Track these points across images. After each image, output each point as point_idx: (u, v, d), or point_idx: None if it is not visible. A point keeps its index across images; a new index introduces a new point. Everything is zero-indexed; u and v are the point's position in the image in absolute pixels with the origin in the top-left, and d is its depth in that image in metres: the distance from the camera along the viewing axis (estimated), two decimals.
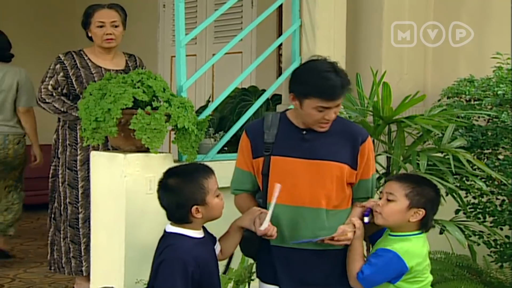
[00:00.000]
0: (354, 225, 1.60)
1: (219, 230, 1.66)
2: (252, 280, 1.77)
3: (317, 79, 1.55)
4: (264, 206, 1.64)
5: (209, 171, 1.56)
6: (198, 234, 1.56)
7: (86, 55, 2.48)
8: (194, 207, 1.51)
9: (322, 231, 1.60)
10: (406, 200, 1.56)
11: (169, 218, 1.57)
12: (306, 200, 1.60)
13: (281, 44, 2.63)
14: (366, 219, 1.62)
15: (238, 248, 1.69)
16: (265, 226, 1.55)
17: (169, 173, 1.58)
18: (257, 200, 1.69)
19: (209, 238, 1.61)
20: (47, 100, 2.41)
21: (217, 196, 1.55)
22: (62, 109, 2.40)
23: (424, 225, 1.59)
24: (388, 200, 1.58)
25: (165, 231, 1.58)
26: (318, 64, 1.60)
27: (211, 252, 1.59)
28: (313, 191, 1.60)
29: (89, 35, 2.49)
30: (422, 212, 1.57)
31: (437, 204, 1.61)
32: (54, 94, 2.42)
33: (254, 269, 1.78)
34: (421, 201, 1.56)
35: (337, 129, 1.63)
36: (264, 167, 1.63)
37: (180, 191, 1.52)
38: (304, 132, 1.63)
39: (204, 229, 1.60)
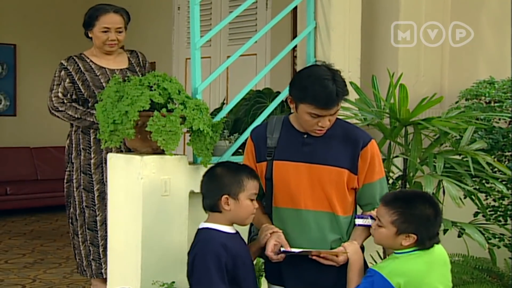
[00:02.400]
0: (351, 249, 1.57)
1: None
2: (261, 276, 1.78)
3: (313, 86, 1.55)
4: (269, 209, 1.67)
5: (254, 175, 1.62)
6: (229, 229, 1.61)
7: (88, 58, 2.46)
8: (225, 196, 1.57)
9: (328, 233, 1.60)
10: (393, 227, 1.51)
11: (203, 206, 1.63)
12: (309, 203, 1.61)
13: (295, 46, 2.62)
14: (357, 221, 1.60)
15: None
16: (275, 257, 1.59)
17: (220, 164, 1.68)
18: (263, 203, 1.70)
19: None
20: (60, 109, 2.42)
21: (252, 200, 1.60)
22: (76, 116, 2.41)
23: (420, 245, 1.51)
24: (379, 226, 1.54)
25: (198, 228, 1.63)
26: (318, 70, 1.60)
27: (243, 246, 1.63)
28: (315, 194, 1.61)
29: (89, 35, 2.47)
30: (413, 237, 1.50)
31: (433, 223, 1.51)
32: (65, 101, 2.42)
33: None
34: (410, 227, 1.49)
35: (338, 133, 1.63)
36: (267, 171, 1.65)
37: (219, 178, 1.59)
38: (305, 136, 1.64)
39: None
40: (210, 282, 1.50)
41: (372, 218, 1.60)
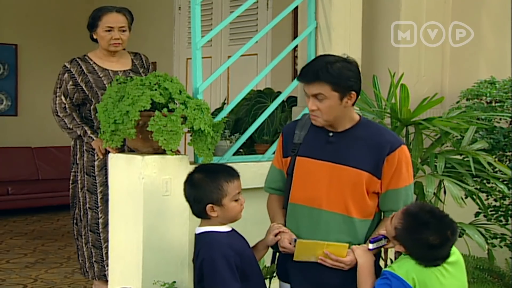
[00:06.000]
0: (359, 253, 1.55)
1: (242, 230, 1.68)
2: (274, 277, 1.79)
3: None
4: (286, 204, 1.68)
5: (233, 175, 1.61)
6: (225, 228, 1.61)
7: (91, 60, 2.47)
8: (210, 205, 1.57)
9: (337, 235, 1.59)
10: (394, 232, 1.51)
11: (192, 212, 1.64)
12: (323, 203, 1.60)
13: (296, 46, 2.62)
14: (370, 246, 1.56)
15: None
16: (286, 245, 1.60)
17: (198, 169, 1.65)
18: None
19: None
20: (59, 114, 2.44)
21: (236, 200, 1.59)
22: (69, 126, 2.43)
23: (413, 257, 1.49)
24: (391, 219, 1.55)
25: (195, 234, 1.63)
26: (331, 55, 1.63)
27: (243, 240, 1.64)
28: (331, 194, 1.59)
29: (94, 37, 2.48)
30: (402, 248, 1.50)
31: (431, 250, 1.46)
32: (66, 107, 2.43)
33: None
34: (404, 242, 1.49)
35: (367, 135, 1.59)
36: (290, 167, 1.65)
37: (199, 187, 1.59)
38: (330, 134, 1.62)
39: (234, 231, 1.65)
40: (224, 284, 1.49)
41: (385, 237, 1.57)
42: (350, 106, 1.59)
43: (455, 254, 1.55)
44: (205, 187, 1.57)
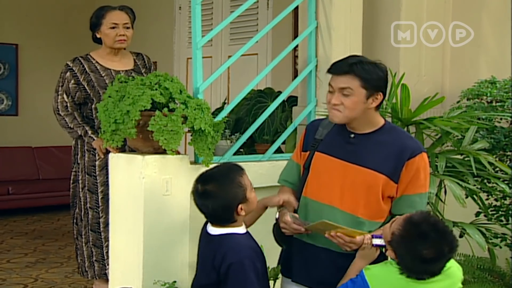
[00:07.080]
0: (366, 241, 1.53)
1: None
2: (278, 278, 1.79)
3: None
4: (299, 197, 1.68)
5: (240, 169, 1.61)
6: (243, 230, 1.60)
7: (94, 59, 2.47)
8: (239, 205, 1.55)
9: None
10: (390, 236, 1.47)
11: (212, 222, 1.60)
12: (334, 201, 1.60)
13: (296, 46, 2.62)
14: (375, 241, 1.53)
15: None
16: (296, 227, 1.59)
17: (203, 180, 1.59)
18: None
19: None
20: (60, 113, 2.44)
21: (253, 190, 1.60)
22: (69, 125, 2.43)
23: (401, 266, 1.44)
24: (390, 225, 1.52)
25: (208, 233, 1.60)
26: (358, 55, 1.65)
27: (255, 241, 1.63)
28: (343, 194, 1.59)
29: (98, 36, 2.48)
30: (393, 254, 1.47)
31: (422, 262, 1.41)
32: (68, 105, 2.43)
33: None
34: (397, 249, 1.45)
35: (387, 139, 1.59)
36: (307, 161, 1.67)
37: (223, 195, 1.55)
38: (352, 135, 1.62)
39: None
40: None
41: None
42: (373, 108, 1.58)
43: (451, 279, 1.48)
44: (228, 192, 1.54)
